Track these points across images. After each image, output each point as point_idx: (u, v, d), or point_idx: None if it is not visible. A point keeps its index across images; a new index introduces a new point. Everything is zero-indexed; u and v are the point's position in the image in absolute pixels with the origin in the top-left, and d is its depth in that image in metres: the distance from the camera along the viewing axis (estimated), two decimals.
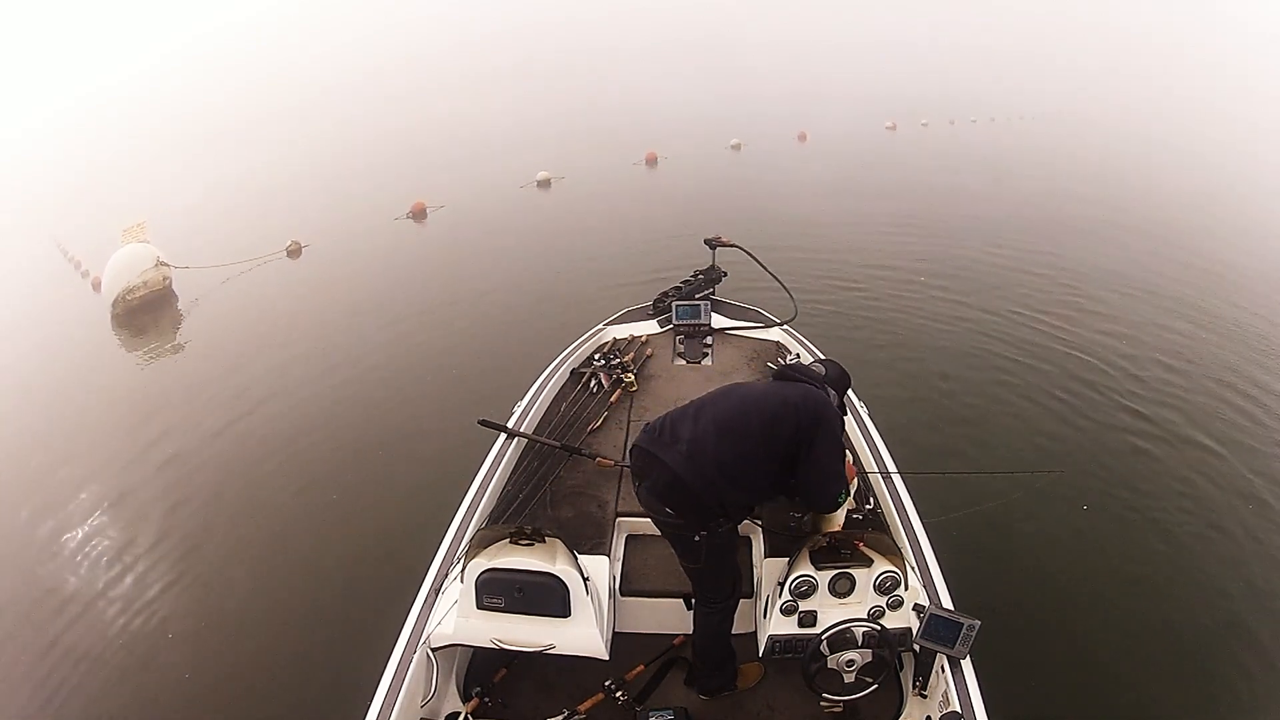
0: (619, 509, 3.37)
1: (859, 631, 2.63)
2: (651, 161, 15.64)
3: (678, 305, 4.77)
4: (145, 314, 9.36)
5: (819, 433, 2.62)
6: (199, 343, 8.68)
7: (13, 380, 8.13)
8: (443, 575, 3.01)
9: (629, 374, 4.29)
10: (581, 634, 2.77)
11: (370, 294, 9.20)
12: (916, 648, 2.67)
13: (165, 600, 4.59)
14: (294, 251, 10.95)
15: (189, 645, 4.21)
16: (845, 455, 2.82)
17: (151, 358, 8.31)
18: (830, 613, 2.74)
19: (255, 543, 4.99)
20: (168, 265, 9.75)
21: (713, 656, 2.94)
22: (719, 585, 2.83)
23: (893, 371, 6.53)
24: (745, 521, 3.10)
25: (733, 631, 2.96)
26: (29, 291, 11.04)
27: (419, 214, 12.53)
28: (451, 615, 2.82)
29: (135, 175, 17.16)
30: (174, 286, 9.87)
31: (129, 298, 9.34)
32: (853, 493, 3.03)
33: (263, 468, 5.81)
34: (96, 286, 9.79)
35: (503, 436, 3.72)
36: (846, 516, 3.03)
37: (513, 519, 3.24)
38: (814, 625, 2.74)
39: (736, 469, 2.56)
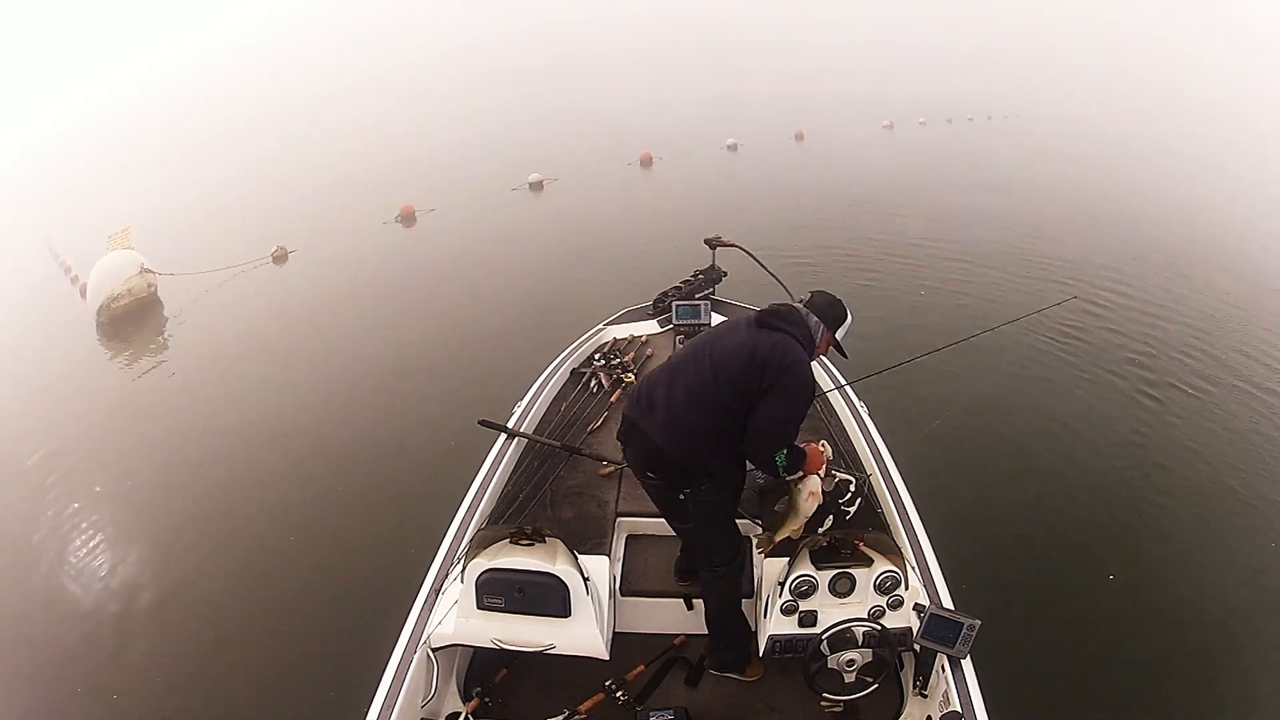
0: (619, 509, 3.38)
1: (859, 631, 2.64)
2: (646, 162, 15.60)
3: (678, 305, 4.78)
4: (130, 322, 9.25)
5: (777, 382, 2.51)
6: (186, 351, 8.59)
7: None
8: (443, 575, 3.01)
9: (629, 374, 4.30)
10: (582, 634, 2.77)
11: (360, 298, 9.14)
12: (917, 647, 2.68)
13: (161, 602, 4.58)
14: (280, 257, 10.84)
15: (188, 647, 4.20)
16: (798, 413, 2.61)
17: (138, 366, 8.21)
18: (830, 612, 2.75)
19: (253, 544, 4.98)
20: (152, 272, 9.63)
21: (722, 629, 2.95)
22: (713, 547, 2.84)
23: (893, 370, 6.51)
24: (745, 521, 3.11)
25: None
26: (20, 297, 10.90)
27: (408, 217, 12.44)
28: (452, 615, 2.82)
29: (124, 181, 16.99)
30: (159, 294, 9.76)
31: (113, 305, 9.22)
32: (818, 482, 2.82)
33: (257, 471, 5.79)
34: (84, 293, 9.68)
35: (503, 436, 3.72)
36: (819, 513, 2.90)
37: (513, 519, 3.24)
38: (814, 625, 2.74)
39: (712, 434, 2.58)
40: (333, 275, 10.13)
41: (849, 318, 2.80)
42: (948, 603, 2.82)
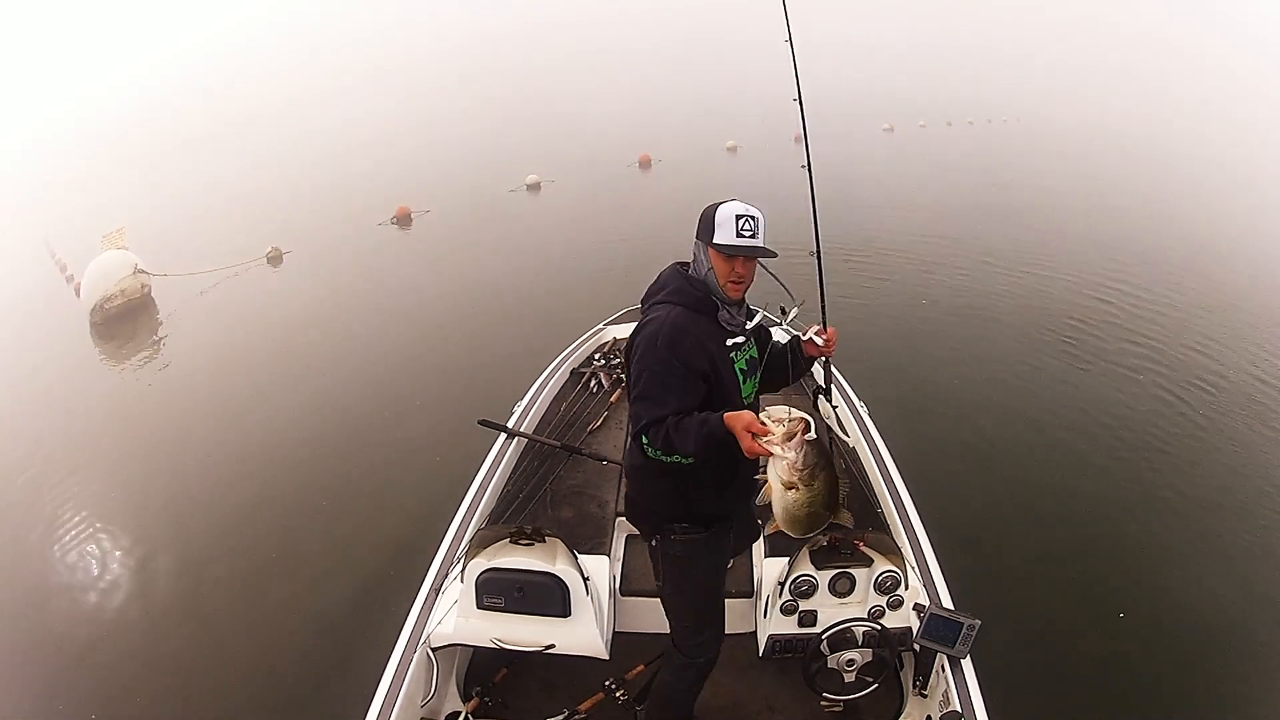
0: (619, 509, 3.37)
1: (859, 631, 2.63)
2: (645, 164, 15.60)
3: None
4: (123, 323, 9.20)
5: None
6: (179, 352, 8.53)
7: None
8: (443, 575, 3.01)
9: None
10: (581, 634, 2.76)
11: (356, 300, 9.13)
12: (917, 647, 2.67)
13: (154, 605, 4.56)
14: (274, 258, 10.83)
15: (187, 648, 4.18)
16: (642, 386, 2.10)
17: (131, 368, 8.16)
18: (830, 612, 2.74)
19: (249, 545, 4.93)
20: (146, 273, 9.60)
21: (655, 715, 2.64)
22: (682, 618, 2.48)
23: (895, 373, 6.50)
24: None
25: (729, 632, 2.67)
26: (17, 296, 10.86)
27: (403, 219, 12.45)
28: (451, 615, 2.82)
29: (122, 179, 17.00)
30: (153, 294, 9.73)
31: (107, 306, 9.19)
32: (773, 474, 1.99)
33: (253, 472, 5.74)
34: (79, 292, 9.62)
35: (503, 436, 3.72)
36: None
37: (513, 519, 3.24)
38: (814, 625, 2.73)
39: (640, 469, 2.29)
40: (328, 277, 10.12)
41: (718, 210, 2.13)
42: (948, 603, 2.81)
